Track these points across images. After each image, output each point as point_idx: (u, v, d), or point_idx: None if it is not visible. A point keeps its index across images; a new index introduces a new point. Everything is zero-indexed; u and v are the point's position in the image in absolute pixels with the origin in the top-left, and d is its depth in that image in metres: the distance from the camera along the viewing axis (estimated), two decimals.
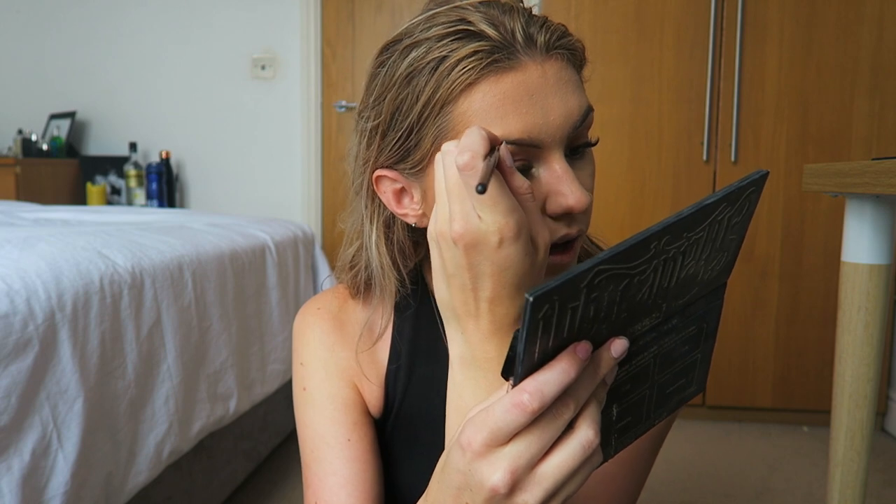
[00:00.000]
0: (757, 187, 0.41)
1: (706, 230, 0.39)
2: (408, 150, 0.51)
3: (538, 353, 0.36)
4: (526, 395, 0.36)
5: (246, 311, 1.49)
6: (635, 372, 0.43)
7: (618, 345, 0.39)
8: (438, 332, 0.66)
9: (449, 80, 0.48)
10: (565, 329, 0.36)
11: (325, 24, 2.47)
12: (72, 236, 1.10)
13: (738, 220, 0.41)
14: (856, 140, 2.14)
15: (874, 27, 2.10)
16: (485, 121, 0.47)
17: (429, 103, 0.49)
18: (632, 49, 2.21)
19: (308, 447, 0.63)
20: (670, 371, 0.46)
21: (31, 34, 2.75)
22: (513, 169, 0.42)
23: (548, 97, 0.49)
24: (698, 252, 0.40)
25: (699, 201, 0.37)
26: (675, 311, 0.43)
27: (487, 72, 0.47)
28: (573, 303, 0.35)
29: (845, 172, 0.80)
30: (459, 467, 0.39)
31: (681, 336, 0.45)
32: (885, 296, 0.86)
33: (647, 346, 0.43)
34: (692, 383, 0.49)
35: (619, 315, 0.38)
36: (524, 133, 0.48)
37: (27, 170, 2.44)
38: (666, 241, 0.37)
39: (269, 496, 1.65)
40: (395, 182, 0.55)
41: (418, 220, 0.56)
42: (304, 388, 0.64)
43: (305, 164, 2.52)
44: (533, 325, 0.34)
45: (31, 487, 0.84)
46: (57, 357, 0.89)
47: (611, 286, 0.36)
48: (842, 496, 0.90)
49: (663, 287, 0.39)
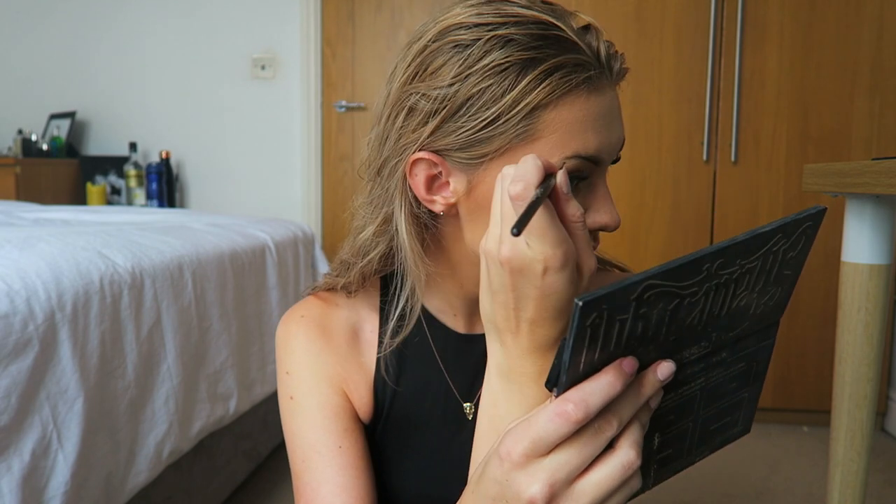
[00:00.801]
0: (814, 222, 0.40)
1: (760, 260, 0.38)
2: (477, 140, 0.50)
3: (583, 364, 0.36)
4: (570, 405, 0.35)
5: (246, 311, 1.49)
6: (680, 402, 0.43)
7: (664, 367, 0.39)
8: (426, 337, 0.65)
9: (546, 84, 0.48)
10: (612, 343, 0.36)
11: (325, 24, 2.47)
12: (72, 236, 1.10)
13: (794, 255, 0.40)
14: (856, 140, 2.14)
15: (874, 27, 2.10)
16: (568, 133, 0.49)
17: (518, 102, 0.48)
18: (632, 49, 2.21)
19: (298, 457, 0.61)
20: (715, 407, 0.45)
21: (31, 34, 2.75)
22: (569, 196, 0.43)
23: (613, 121, 0.51)
24: (751, 282, 0.39)
25: (755, 229, 0.37)
26: (725, 344, 0.42)
27: (582, 87, 0.49)
28: (622, 315, 0.35)
29: (845, 172, 0.80)
30: (497, 477, 0.38)
31: (729, 371, 0.44)
32: (885, 296, 0.86)
33: (695, 377, 0.42)
34: (738, 423, 0.48)
35: (668, 337, 0.38)
36: (597, 151, 0.50)
37: (27, 170, 2.44)
38: (719, 265, 0.36)
39: (269, 496, 1.65)
40: (433, 167, 0.53)
41: (446, 209, 0.55)
42: (290, 397, 0.63)
43: (305, 164, 2.52)
44: (580, 332, 0.34)
45: (31, 487, 0.84)
46: (57, 357, 0.89)
47: (660, 304, 0.36)
48: (842, 496, 0.90)
49: (714, 315, 0.39)
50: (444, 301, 0.65)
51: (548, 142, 0.49)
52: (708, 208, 2.23)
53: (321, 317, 0.65)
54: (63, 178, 2.61)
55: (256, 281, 1.57)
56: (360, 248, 0.61)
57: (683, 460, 0.47)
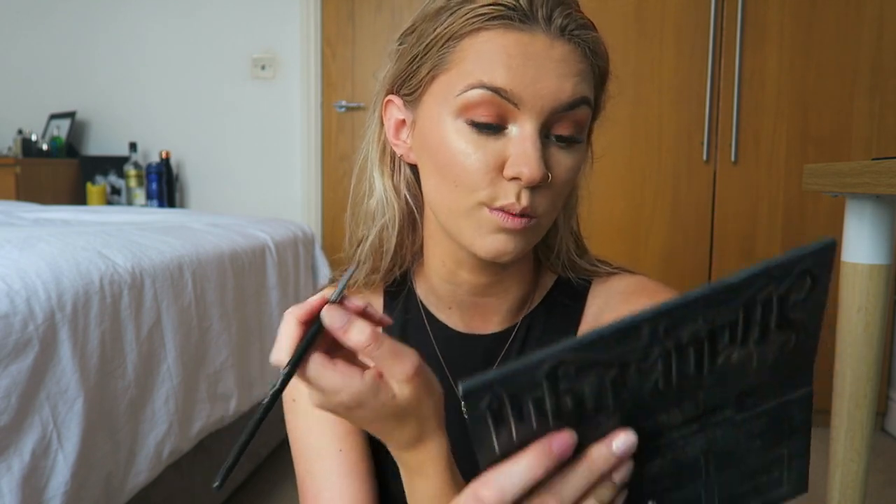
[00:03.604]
0: (818, 259, 0.33)
1: (740, 312, 0.33)
2: (410, 74, 0.55)
3: (500, 446, 0.32)
4: (484, 490, 0.33)
5: (246, 311, 1.49)
6: (676, 467, 0.38)
7: (621, 440, 0.34)
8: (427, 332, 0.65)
9: (462, 18, 0.51)
10: (532, 419, 0.32)
11: (325, 24, 2.47)
12: (72, 236, 1.10)
13: (803, 297, 0.34)
14: (856, 140, 2.14)
15: (874, 27, 2.10)
16: (476, 63, 0.50)
17: (440, 34, 0.52)
18: (632, 49, 2.21)
19: (301, 461, 0.62)
20: (736, 469, 0.40)
21: (31, 34, 2.75)
22: (346, 327, 0.40)
23: (544, 68, 0.50)
24: (737, 336, 0.34)
25: (721, 280, 0.31)
26: (724, 403, 0.37)
27: (499, 24, 0.50)
28: (534, 393, 0.31)
29: (845, 172, 0.80)
30: None
31: (744, 429, 0.39)
32: (885, 296, 0.86)
33: (688, 440, 0.37)
34: (782, 483, 0.42)
35: (621, 406, 0.34)
36: (506, 85, 0.49)
37: (27, 170, 2.44)
38: (667, 328, 0.32)
39: (269, 496, 1.65)
40: (399, 111, 0.58)
41: (405, 154, 0.59)
42: (293, 399, 0.63)
43: (305, 164, 2.52)
44: (475, 417, 0.31)
45: (31, 487, 0.84)
46: (57, 357, 0.89)
47: (589, 377, 0.32)
48: (842, 496, 0.90)
49: (688, 376, 0.34)
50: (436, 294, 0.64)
51: (457, 72, 0.51)
52: (708, 208, 2.23)
53: None
54: (63, 178, 2.61)
55: (256, 281, 1.57)
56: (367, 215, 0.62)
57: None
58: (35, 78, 2.76)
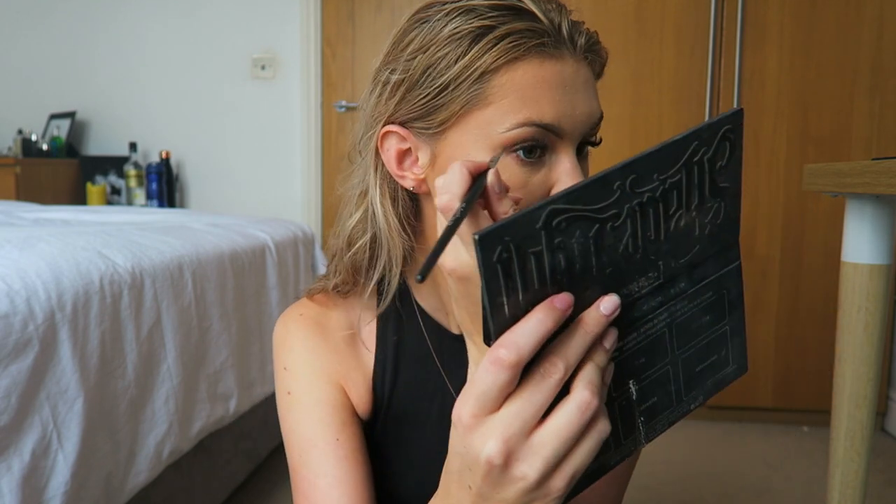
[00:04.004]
0: (733, 125, 0.38)
1: (683, 172, 0.37)
2: (434, 108, 0.52)
3: (509, 307, 0.34)
4: (502, 350, 0.34)
5: (246, 311, 1.49)
6: (647, 342, 0.41)
7: (607, 301, 0.37)
8: (423, 334, 0.65)
9: (496, 49, 0.49)
10: (535, 280, 0.34)
11: (325, 24, 2.47)
12: (72, 236, 1.10)
13: (723, 164, 0.39)
14: (856, 140, 2.14)
15: (874, 27, 2.10)
16: (519, 98, 0.49)
17: (469, 67, 0.49)
18: (632, 49, 2.21)
19: (295, 451, 0.61)
20: (693, 345, 0.43)
21: (31, 34, 2.75)
22: (501, 195, 0.42)
23: (577, 93, 0.51)
24: (683, 199, 0.38)
25: (665, 140, 0.35)
26: (678, 272, 0.40)
27: (534, 53, 0.49)
28: (533, 247, 0.33)
29: (845, 172, 0.80)
30: (456, 448, 0.38)
31: (696, 304, 0.42)
32: (885, 296, 0.86)
33: (655, 312, 0.40)
34: (729, 361, 0.46)
35: (603, 270, 0.37)
36: (554, 120, 0.49)
37: (27, 170, 2.44)
38: (632, 182, 0.35)
39: (269, 496, 1.65)
40: (402, 141, 0.55)
41: (416, 185, 0.56)
42: (288, 392, 0.63)
43: (305, 164, 2.52)
44: (489, 269, 0.32)
45: (31, 487, 0.84)
46: (57, 357, 0.89)
47: (576, 231, 0.34)
48: (842, 496, 0.90)
49: (651, 240, 0.37)
50: (435, 298, 0.65)
51: (499, 107, 0.49)
52: None
53: (319, 316, 0.65)
54: (63, 178, 2.61)
55: (256, 281, 1.57)
56: (345, 235, 0.62)
57: (675, 409, 0.44)
58: (35, 78, 2.76)
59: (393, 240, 0.58)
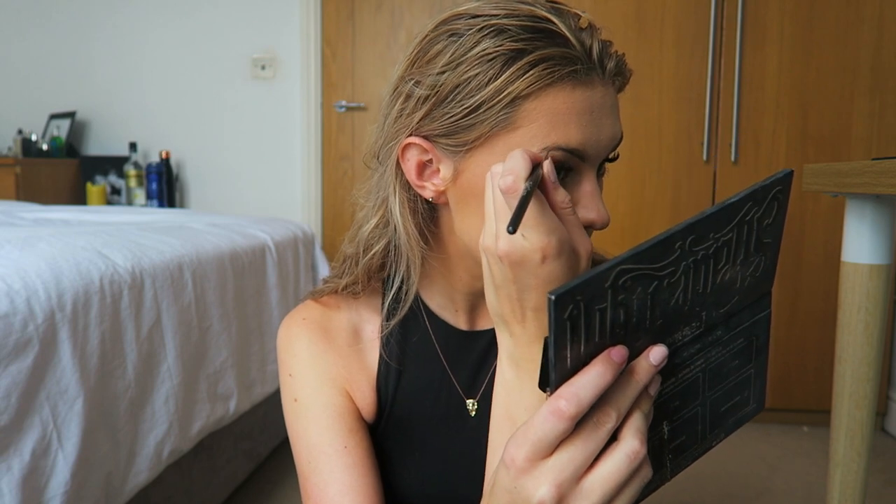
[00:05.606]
0: (783, 186, 0.40)
1: (734, 231, 0.38)
2: (461, 127, 0.51)
3: (571, 359, 0.36)
4: (563, 402, 0.35)
5: (246, 311, 1.49)
6: (683, 386, 0.43)
7: (656, 352, 0.39)
8: (428, 333, 0.66)
9: (529, 76, 0.48)
10: (596, 334, 0.36)
11: (325, 24, 2.47)
12: (72, 236, 1.10)
13: (769, 222, 0.40)
14: (856, 140, 2.14)
15: (874, 27, 2.10)
16: (549, 124, 0.49)
17: (500, 91, 0.49)
18: (632, 49, 2.21)
19: (304, 458, 0.62)
20: (722, 387, 0.45)
21: (31, 34, 2.75)
22: (556, 184, 0.43)
23: (603, 118, 0.51)
24: (731, 255, 0.39)
25: (722, 201, 0.37)
26: (717, 321, 0.42)
27: (566, 80, 0.49)
28: (599, 304, 0.35)
29: (845, 172, 0.80)
30: (505, 485, 0.38)
31: (729, 349, 0.44)
32: (885, 296, 0.86)
33: (693, 359, 0.42)
34: (749, 401, 0.48)
35: (655, 322, 0.38)
36: (580, 145, 0.50)
37: (27, 170, 2.44)
38: (691, 242, 0.36)
39: (269, 496, 1.65)
40: (424, 153, 0.55)
41: (436, 196, 0.56)
42: (294, 399, 0.63)
43: (305, 164, 2.52)
44: (559, 326, 0.34)
45: (31, 487, 0.84)
46: (57, 357, 0.89)
47: (638, 288, 0.36)
48: (842, 496, 0.90)
49: (699, 293, 0.39)
50: (445, 297, 0.65)
51: (527, 132, 0.49)
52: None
53: (323, 319, 0.65)
54: (63, 178, 2.61)
55: (256, 281, 1.57)
56: (362, 241, 0.62)
57: (699, 446, 0.46)
58: (35, 78, 2.76)
59: (412, 249, 0.58)
